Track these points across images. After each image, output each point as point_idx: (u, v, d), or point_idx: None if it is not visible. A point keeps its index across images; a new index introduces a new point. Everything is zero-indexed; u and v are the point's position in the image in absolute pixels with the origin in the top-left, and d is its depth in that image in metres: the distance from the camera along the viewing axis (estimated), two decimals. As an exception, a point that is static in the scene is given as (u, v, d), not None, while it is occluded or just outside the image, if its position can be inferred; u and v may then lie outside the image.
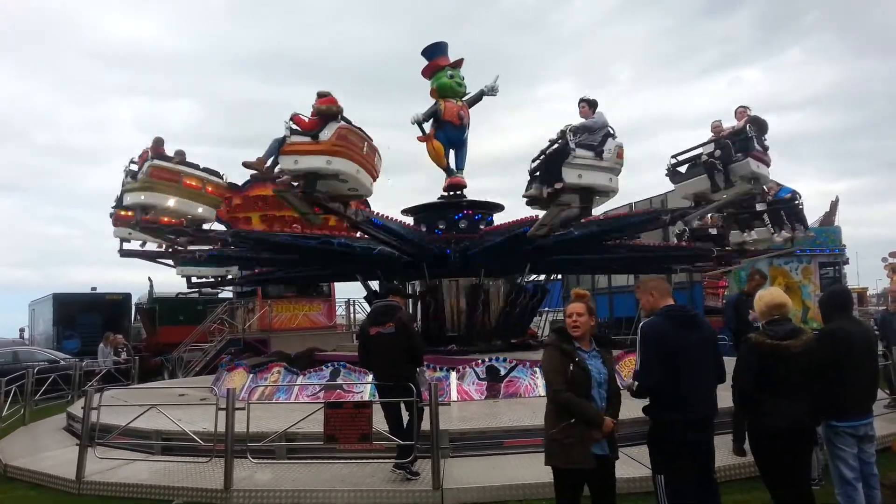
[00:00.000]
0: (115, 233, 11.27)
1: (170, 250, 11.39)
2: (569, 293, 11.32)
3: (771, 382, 3.96)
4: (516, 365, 9.28)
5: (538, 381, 8.80)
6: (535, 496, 5.40)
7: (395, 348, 6.01)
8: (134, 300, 23.71)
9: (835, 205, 19.31)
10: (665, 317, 4.00)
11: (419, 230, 12.00)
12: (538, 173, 8.04)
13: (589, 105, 8.07)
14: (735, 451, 4.91)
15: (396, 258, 11.34)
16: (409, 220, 12.32)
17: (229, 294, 22.38)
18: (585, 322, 3.89)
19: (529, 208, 8.79)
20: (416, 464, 5.92)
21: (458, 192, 12.38)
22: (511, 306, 12.28)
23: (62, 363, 15.75)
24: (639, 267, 15.07)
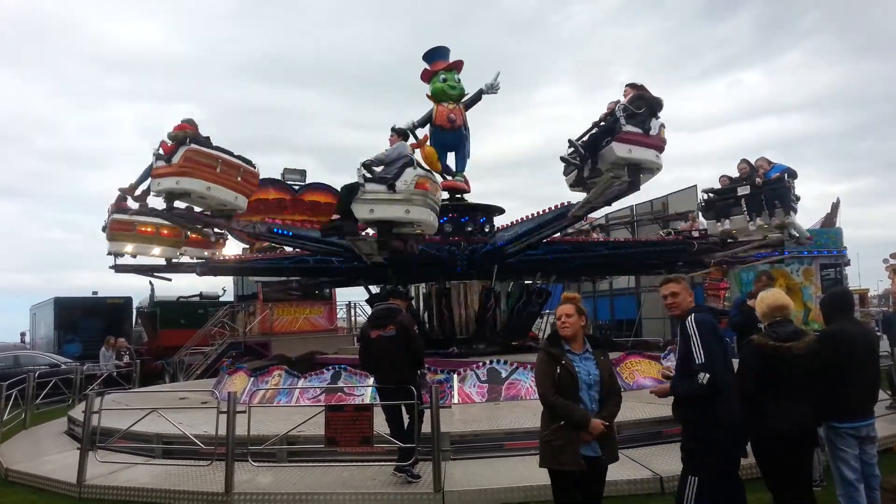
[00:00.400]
0: (110, 248, 10.94)
1: (168, 262, 11.23)
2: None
3: (773, 384, 3.96)
4: (517, 367, 9.27)
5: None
6: (536, 499, 5.39)
7: (396, 351, 6.01)
8: (135, 304, 23.69)
9: (836, 206, 19.31)
10: (712, 313, 4.05)
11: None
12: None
13: (398, 135, 8.35)
14: None
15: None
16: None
17: (230, 297, 22.45)
18: (574, 322, 3.91)
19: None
20: (418, 466, 5.92)
21: (458, 196, 12.20)
22: (515, 309, 12.26)
23: (63, 367, 15.74)
24: (621, 267, 14.80)
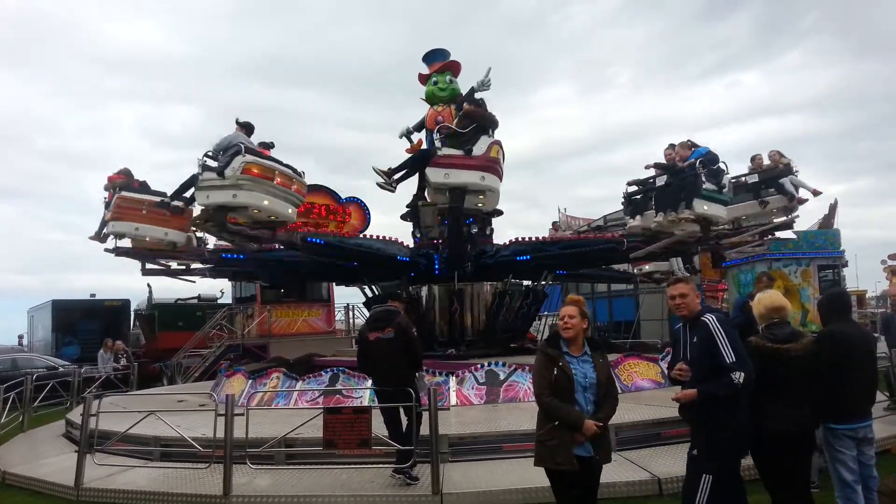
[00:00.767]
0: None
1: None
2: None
3: (771, 385, 3.95)
4: (515, 369, 9.27)
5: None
6: (535, 500, 5.38)
7: (395, 353, 6.01)
8: (133, 306, 23.66)
9: (834, 207, 19.30)
10: (724, 314, 4.14)
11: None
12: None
13: (242, 127, 8.81)
14: None
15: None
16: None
17: (228, 300, 22.41)
18: (577, 324, 3.94)
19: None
20: (416, 469, 5.91)
21: None
22: (518, 310, 12.31)
23: (61, 370, 15.72)
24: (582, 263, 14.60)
